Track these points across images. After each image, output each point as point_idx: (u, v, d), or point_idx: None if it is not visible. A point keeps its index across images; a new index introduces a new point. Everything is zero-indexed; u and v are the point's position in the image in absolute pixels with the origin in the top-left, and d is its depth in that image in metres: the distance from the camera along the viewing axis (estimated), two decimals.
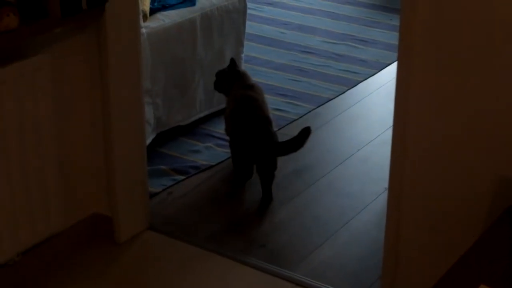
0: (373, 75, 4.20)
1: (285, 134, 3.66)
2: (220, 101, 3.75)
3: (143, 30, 3.10)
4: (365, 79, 4.15)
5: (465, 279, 1.76)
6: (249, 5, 3.92)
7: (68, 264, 2.75)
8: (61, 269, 2.71)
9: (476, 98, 2.16)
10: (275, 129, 3.26)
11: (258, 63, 4.30)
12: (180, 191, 3.06)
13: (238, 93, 3.12)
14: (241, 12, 3.71)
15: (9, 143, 2.46)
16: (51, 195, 2.63)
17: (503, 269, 1.80)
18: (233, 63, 3.19)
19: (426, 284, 2.06)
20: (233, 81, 3.15)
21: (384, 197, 3.00)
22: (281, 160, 3.39)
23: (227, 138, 3.23)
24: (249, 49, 4.27)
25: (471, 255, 1.85)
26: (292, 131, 3.65)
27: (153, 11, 3.31)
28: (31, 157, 2.55)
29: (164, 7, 3.38)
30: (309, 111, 3.79)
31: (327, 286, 2.68)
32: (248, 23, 3.89)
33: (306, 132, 3.00)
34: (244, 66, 3.94)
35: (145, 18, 3.13)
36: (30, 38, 2.44)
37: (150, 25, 3.21)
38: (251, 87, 3.15)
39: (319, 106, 3.87)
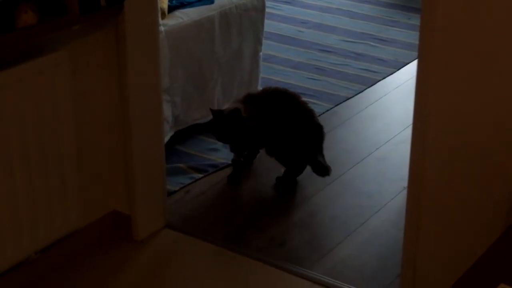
0: (391, 74, 4.20)
1: None
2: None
3: (162, 28, 3.10)
4: (384, 78, 4.16)
5: (485, 278, 1.76)
6: (267, 3, 3.91)
7: (86, 262, 2.77)
8: (79, 266, 2.74)
9: (500, 99, 2.15)
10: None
11: (277, 62, 4.31)
12: (198, 189, 3.08)
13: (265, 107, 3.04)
14: (260, 10, 3.72)
15: (28, 141, 2.48)
16: (70, 193, 2.64)
17: None
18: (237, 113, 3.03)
19: (446, 282, 2.07)
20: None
21: (402, 196, 3.00)
22: None
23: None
24: (268, 48, 4.27)
25: (491, 254, 1.85)
26: None
27: (171, 8, 3.31)
28: (50, 154, 2.55)
29: (183, 5, 3.39)
30: (327, 110, 3.80)
31: (345, 284, 2.68)
32: (266, 21, 3.88)
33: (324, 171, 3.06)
34: (262, 65, 3.93)
35: (163, 15, 3.13)
36: (49, 35, 2.45)
37: (169, 23, 3.21)
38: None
39: (337, 105, 3.87)
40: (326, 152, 3.37)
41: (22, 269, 2.59)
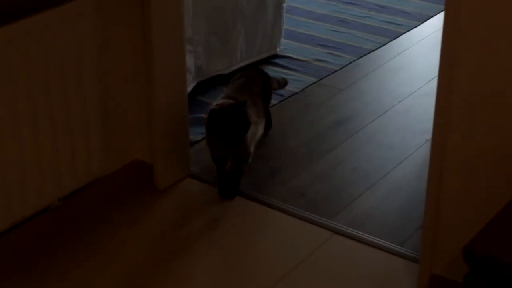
0: (415, 27, 4.21)
1: (327, 85, 3.64)
2: (261, 51, 3.74)
3: None
4: (408, 31, 4.18)
5: (505, 230, 1.75)
6: None
7: (108, 210, 2.79)
8: (101, 214, 2.76)
9: None
10: (316, 79, 3.37)
11: (299, 13, 4.32)
12: None
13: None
14: None
15: (52, 88, 2.50)
16: (93, 141, 2.67)
17: None
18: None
19: (467, 234, 2.07)
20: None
21: (425, 149, 3.01)
22: (321, 111, 3.37)
23: None
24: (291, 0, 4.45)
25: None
26: (333, 82, 3.65)
27: None
28: (74, 102, 2.57)
29: None
30: (350, 62, 3.79)
31: (366, 235, 2.69)
32: None
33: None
34: (285, 17, 3.91)
35: None
36: None
37: None
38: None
39: (360, 57, 3.87)
40: (349, 105, 3.32)
41: (45, 215, 2.62)
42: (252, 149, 2.85)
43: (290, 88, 3.58)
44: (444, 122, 2.31)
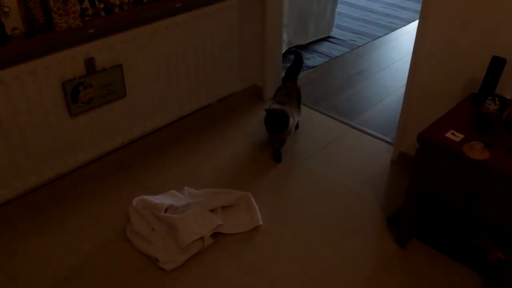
0: (405, 25, 4.81)
1: (355, 53, 4.03)
2: (322, 33, 4.12)
3: None
4: (401, 27, 4.78)
5: (441, 128, 1.94)
6: None
7: (237, 110, 3.21)
8: (231, 114, 3.17)
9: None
10: (349, 50, 3.53)
11: (344, 15, 4.83)
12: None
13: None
14: None
15: (211, 41, 2.83)
16: (232, 70, 3.03)
17: (464, 123, 1.99)
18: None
19: (423, 128, 2.41)
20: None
21: (403, 88, 3.39)
22: (350, 65, 3.78)
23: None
24: (339, 8, 4.74)
25: (446, 116, 2.01)
26: (358, 51, 4.08)
27: None
28: (220, 52, 2.89)
29: None
30: (368, 42, 4.29)
31: (369, 130, 3.03)
32: None
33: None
34: (336, 16, 4.27)
35: None
36: None
37: None
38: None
39: (374, 39, 4.32)
40: (364, 63, 3.73)
41: (204, 111, 2.97)
42: (290, 136, 2.69)
43: (335, 53, 3.98)
44: (414, 74, 2.54)
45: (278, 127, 2.56)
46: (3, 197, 2.17)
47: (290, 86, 2.81)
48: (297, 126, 2.89)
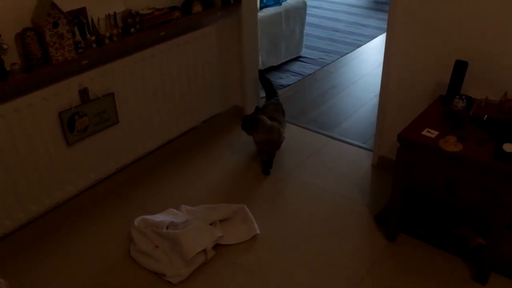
0: (368, 42, 4.96)
1: (325, 70, 4.10)
2: (292, 54, 4.32)
3: (259, 15, 3.46)
4: (365, 43, 4.92)
5: (417, 127, 2.06)
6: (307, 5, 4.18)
7: (222, 129, 3.27)
8: (216, 134, 3.24)
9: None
10: (319, 67, 3.66)
11: (311, 36, 4.98)
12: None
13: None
14: (303, 9, 4.18)
15: (194, 64, 2.90)
16: (215, 92, 3.13)
17: (436, 121, 2.10)
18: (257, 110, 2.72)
19: (400, 130, 2.54)
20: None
21: (376, 98, 3.56)
22: (323, 81, 3.87)
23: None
24: (307, 29, 4.86)
25: (420, 117, 2.12)
26: (328, 67, 4.19)
27: (261, 7, 3.83)
28: (203, 76, 2.97)
29: (266, 6, 3.93)
30: (336, 59, 4.41)
31: (348, 139, 3.13)
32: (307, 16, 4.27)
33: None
34: (304, 38, 4.40)
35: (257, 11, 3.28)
36: (206, 17, 2.81)
37: (259, 14, 3.65)
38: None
39: (342, 56, 4.53)
40: (336, 78, 3.86)
41: (190, 132, 3.03)
42: (278, 150, 2.83)
43: (307, 71, 4.10)
44: (385, 84, 2.65)
45: (250, 125, 2.62)
46: (5, 228, 2.25)
47: (276, 103, 2.93)
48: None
